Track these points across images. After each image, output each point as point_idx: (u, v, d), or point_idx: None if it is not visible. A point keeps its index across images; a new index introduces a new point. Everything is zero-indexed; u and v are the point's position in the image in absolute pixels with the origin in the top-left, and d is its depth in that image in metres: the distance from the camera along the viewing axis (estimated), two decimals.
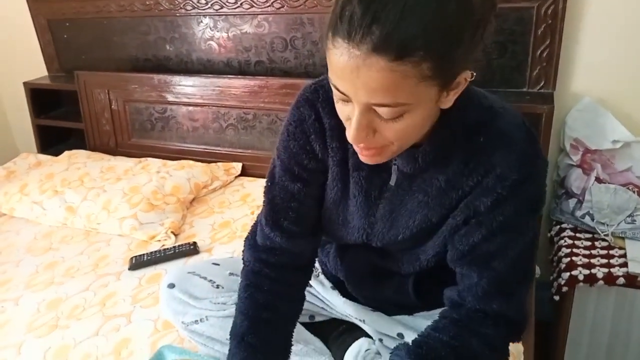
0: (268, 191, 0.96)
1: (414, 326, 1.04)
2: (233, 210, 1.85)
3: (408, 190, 0.88)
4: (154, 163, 2.09)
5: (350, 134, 0.73)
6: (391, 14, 0.63)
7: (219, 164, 2.11)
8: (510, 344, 0.92)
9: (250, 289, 0.96)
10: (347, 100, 0.72)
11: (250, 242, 1.00)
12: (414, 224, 0.89)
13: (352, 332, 1.13)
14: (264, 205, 0.97)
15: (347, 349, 1.11)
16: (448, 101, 0.74)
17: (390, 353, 0.91)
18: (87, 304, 1.42)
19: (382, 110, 0.70)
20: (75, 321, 1.36)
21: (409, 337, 1.01)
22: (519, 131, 0.81)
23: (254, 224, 1.01)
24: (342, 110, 0.75)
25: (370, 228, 0.94)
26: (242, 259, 1.01)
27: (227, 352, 1.11)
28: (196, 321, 1.11)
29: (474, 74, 0.72)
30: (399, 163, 0.85)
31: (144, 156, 2.18)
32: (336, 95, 0.73)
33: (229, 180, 2.07)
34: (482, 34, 0.70)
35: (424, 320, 1.03)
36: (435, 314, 1.01)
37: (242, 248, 1.01)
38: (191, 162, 2.09)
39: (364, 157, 0.78)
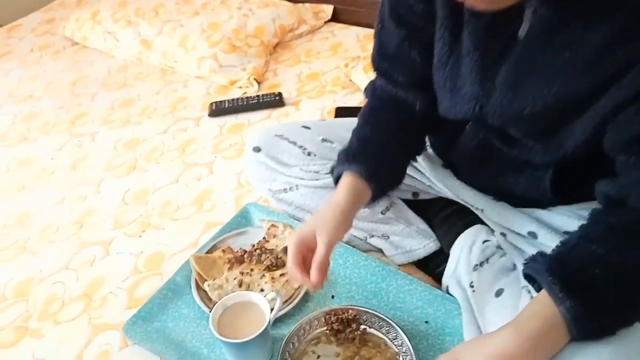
0: (377, 34, 0.84)
1: (550, 223, 0.83)
2: (322, 61, 1.63)
3: (546, 45, 0.64)
4: None
5: None
6: None
7: (306, 5, 1.83)
8: None
9: (363, 116, 0.88)
10: None
11: (373, 80, 0.89)
12: (551, 93, 0.65)
13: (464, 215, 0.95)
14: (373, 46, 0.86)
15: (458, 235, 0.94)
16: None
17: (524, 264, 0.72)
18: (165, 148, 1.33)
19: None
20: (155, 165, 1.28)
21: (545, 237, 0.81)
22: None
23: None
24: None
25: (485, 96, 0.71)
26: (365, 96, 0.93)
27: None
28: (285, 189, 0.98)
29: None
30: (537, 5, 0.60)
31: None
32: None
33: (317, 26, 1.81)
34: None
35: (564, 218, 0.82)
36: (579, 209, 0.81)
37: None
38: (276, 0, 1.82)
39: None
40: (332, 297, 0.91)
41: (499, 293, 0.80)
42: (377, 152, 0.82)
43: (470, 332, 0.81)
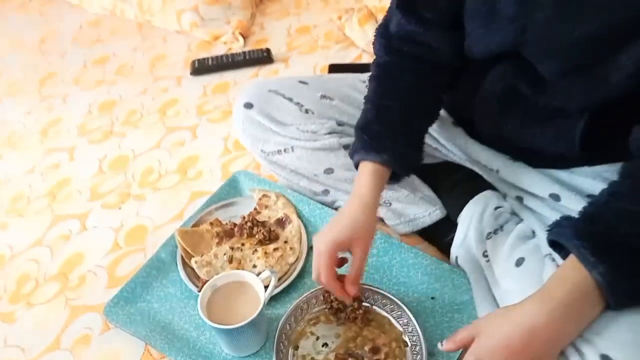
0: None
1: (573, 185, 0.77)
2: (313, 13, 1.53)
3: None
4: None
5: None
6: None
7: None
8: None
9: (378, 79, 0.81)
10: None
11: (382, 30, 0.82)
12: (608, 13, 0.58)
13: (472, 181, 0.88)
14: None
15: (466, 202, 0.87)
16: None
17: (548, 230, 0.66)
18: (144, 110, 1.25)
19: None
20: (133, 129, 1.20)
21: (569, 200, 0.74)
22: None
23: (388, 10, 0.82)
24: None
25: (529, 17, 0.64)
26: (373, 50, 0.84)
27: (313, 188, 0.93)
28: (279, 151, 0.90)
29: None
30: None
31: None
32: None
33: None
34: None
35: (587, 180, 0.75)
36: (605, 171, 0.74)
37: (373, 39, 0.84)
38: None
39: None
40: None
41: (519, 262, 0.74)
42: (401, 130, 0.77)
43: (484, 307, 0.76)
